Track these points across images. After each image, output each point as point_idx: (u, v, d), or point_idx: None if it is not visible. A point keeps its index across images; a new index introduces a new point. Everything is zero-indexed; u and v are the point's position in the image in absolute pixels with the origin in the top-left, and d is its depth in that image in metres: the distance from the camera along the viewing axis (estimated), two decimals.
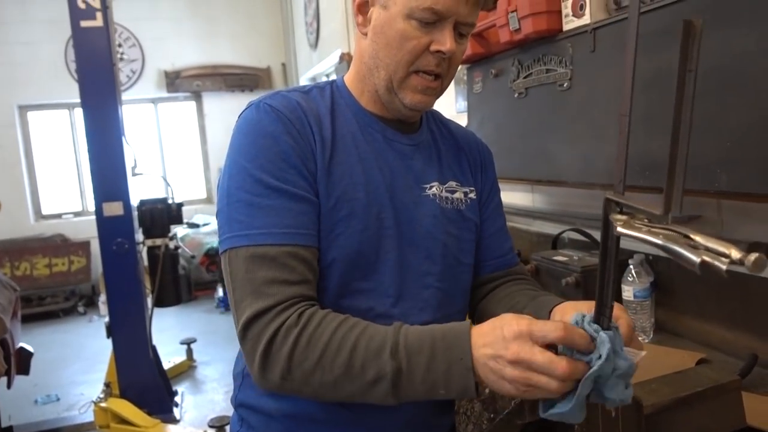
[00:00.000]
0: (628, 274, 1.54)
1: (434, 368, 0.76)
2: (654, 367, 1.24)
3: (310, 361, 0.79)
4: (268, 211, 0.86)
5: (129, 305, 3.35)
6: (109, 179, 3.24)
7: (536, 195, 2.28)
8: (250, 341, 0.83)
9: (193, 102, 7.26)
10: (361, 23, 0.97)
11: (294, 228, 0.86)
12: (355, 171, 0.94)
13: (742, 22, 1.04)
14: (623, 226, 0.59)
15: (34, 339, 3.97)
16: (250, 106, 0.94)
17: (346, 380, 0.79)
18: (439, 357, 0.76)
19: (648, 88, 1.23)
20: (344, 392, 0.80)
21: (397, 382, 0.77)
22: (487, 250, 1.12)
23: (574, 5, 1.48)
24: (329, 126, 0.95)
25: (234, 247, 0.86)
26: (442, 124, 1.14)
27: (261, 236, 0.85)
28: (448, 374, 0.76)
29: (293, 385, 0.82)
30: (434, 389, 0.77)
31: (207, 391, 4.09)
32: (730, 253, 0.48)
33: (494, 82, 1.90)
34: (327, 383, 0.79)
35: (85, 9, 3.11)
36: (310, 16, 5.95)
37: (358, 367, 0.78)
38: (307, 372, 0.80)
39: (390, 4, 0.91)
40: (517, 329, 0.72)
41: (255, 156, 0.88)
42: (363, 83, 1.00)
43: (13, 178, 6.58)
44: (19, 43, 6.45)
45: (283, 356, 0.80)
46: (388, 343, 0.78)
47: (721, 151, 1.10)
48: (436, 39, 0.90)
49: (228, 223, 0.88)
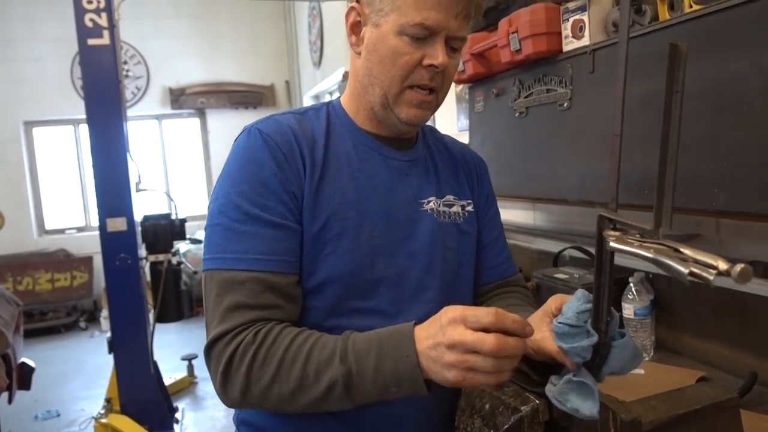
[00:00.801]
0: (628, 292, 1.55)
1: (382, 368, 0.79)
2: (654, 384, 1.24)
3: (267, 377, 0.82)
4: (243, 236, 0.89)
5: (131, 321, 3.35)
6: (114, 195, 3.26)
7: (537, 213, 2.29)
8: (212, 362, 0.87)
9: (197, 119, 7.32)
10: (355, 43, 1.00)
11: (266, 255, 0.88)
12: (347, 191, 0.95)
13: (735, 46, 1.06)
14: (616, 241, 0.61)
15: (35, 354, 3.96)
16: (243, 131, 0.97)
17: (302, 391, 0.82)
18: (386, 356, 0.79)
19: (645, 109, 1.25)
20: (302, 402, 0.82)
21: (349, 386, 0.80)
22: (483, 259, 1.13)
23: (574, 27, 1.51)
24: (322, 147, 0.97)
25: (210, 269, 0.90)
26: (437, 140, 1.15)
27: (233, 261, 0.88)
28: (396, 372, 0.78)
29: (253, 400, 0.85)
30: (386, 388, 0.79)
31: (208, 407, 4.08)
32: (717, 265, 0.50)
33: (495, 101, 1.92)
34: (284, 396, 0.82)
35: (93, 27, 3.15)
36: (314, 35, 6.02)
37: (311, 378, 0.81)
38: (265, 387, 0.83)
39: (381, 22, 0.93)
40: (452, 315, 0.75)
41: (239, 182, 0.91)
42: (358, 101, 1.02)
43: (17, 193, 6.63)
44: (26, 59, 6.53)
45: (241, 375, 0.83)
46: (338, 349, 0.81)
47: (718, 171, 1.12)
48: (428, 53, 0.92)
49: (208, 245, 0.92)
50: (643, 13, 1.31)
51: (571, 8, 1.51)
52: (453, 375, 0.74)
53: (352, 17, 0.99)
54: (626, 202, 1.25)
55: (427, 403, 1.00)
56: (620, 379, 1.36)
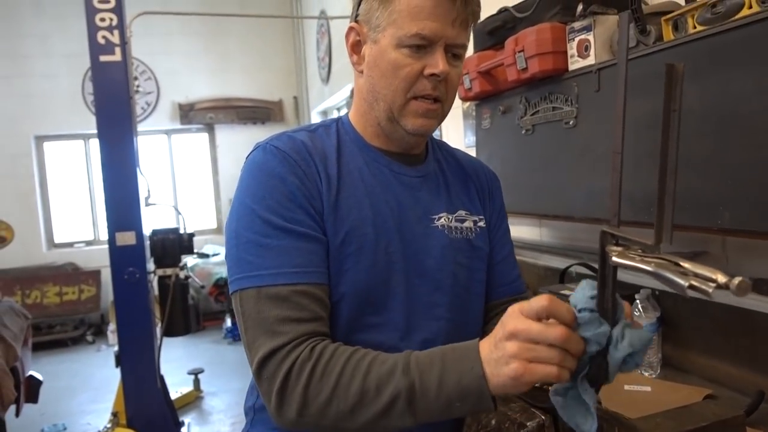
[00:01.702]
0: (634, 309, 1.55)
1: (447, 381, 0.76)
2: (660, 402, 1.24)
3: (325, 393, 0.79)
4: (277, 251, 0.87)
5: (138, 334, 3.36)
6: (123, 209, 3.29)
7: (544, 229, 2.30)
8: (265, 381, 0.83)
9: (206, 134, 7.38)
10: (357, 62, 1.00)
11: (303, 267, 0.87)
12: (363, 206, 0.95)
13: (739, 66, 1.08)
14: (618, 256, 0.62)
15: (42, 367, 3.97)
16: (257, 148, 0.96)
17: (362, 406, 0.78)
18: (450, 369, 0.77)
19: (650, 127, 1.26)
20: (362, 419, 0.79)
21: (412, 399, 0.77)
22: (494, 277, 1.13)
23: (580, 46, 1.53)
24: (335, 163, 0.97)
25: (245, 288, 0.87)
26: (448, 154, 1.15)
27: (271, 276, 0.86)
28: (460, 385, 0.76)
29: (311, 419, 0.81)
30: (450, 403, 0.76)
31: (213, 422, 4.07)
32: (716, 278, 0.51)
33: (502, 118, 1.94)
34: (343, 413, 0.79)
35: (105, 44, 3.20)
36: (323, 52, 6.08)
37: (372, 392, 0.78)
38: (323, 404, 0.80)
39: (379, 38, 0.94)
40: (510, 312, 0.74)
41: (262, 197, 0.90)
42: (365, 119, 1.02)
43: (27, 207, 6.69)
44: (38, 75, 6.62)
45: (299, 392, 0.80)
46: (400, 363, 0.79)
47: (723, 189, 1.13)
48: (428, 63, 0.92)
49: (237, 264, 0.89)
50: (648, 33, 1.32)
51: (577, 28, 1.53)
52: (514, 367, 0.71)
53: (352, 37, 0.99)
54: (632, 219, 1.26)
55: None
56: (626, 396, 1.37)
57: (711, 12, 1.14)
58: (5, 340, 2.75)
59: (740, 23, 1.06)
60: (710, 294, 0.51)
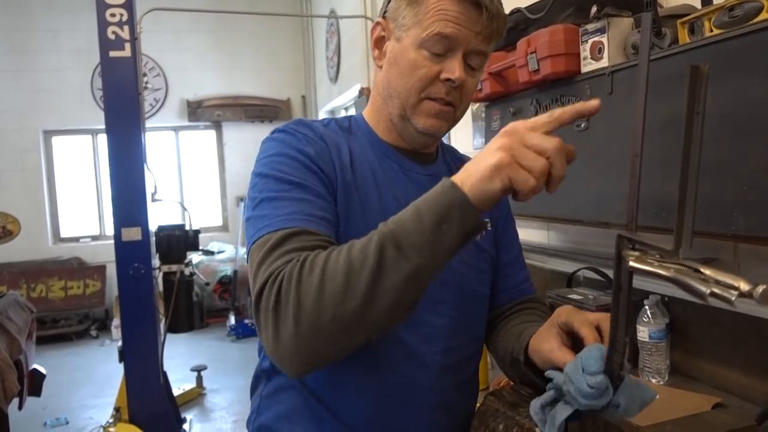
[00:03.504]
0: (643, 315, 1.54)
1: (422, 210, 0.73)
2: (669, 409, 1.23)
3: (315, 284, 0.73)
4: (291, 201, 0.85)
5: (142, 330, 3.36)
6: (130, 204, 3.29)
7: (551, 233, 2.28)
8: (263, 306, 0.77)
9: (213, 131, 7.39)
10: (378, 57, 1.02)
11: (315, 217, 0.85)
12: (372, 198, 0.96)
13: (756, 71, 1.06)
14: (636, 261, 0.60)
15: (46, 361, 3.98)
16: (275, 130, 0.98)
17: (354, 275, 0.72)
18: (421, 201, 0.74)
19: (665, 131, 1.24)
20: (358, 291, 0.71)
21: (397, 242, 0.72)
22: (501, 280, 1.13)
23: (593, 48, 1.51)
24: (347, 154, 0.98)
25: (257, 238, 0.84)
26: (456, 158, 1.17)
27: (283, 220, 0.83)
28: (436, 204, 0.72)
29: (308, 326, 0.73)
30: (436, 228, 0.71)
31: (215, 419, 4.07)
32: (738, 286, 0.49)
33: (512, 120, 1.92)
34: (338, 293, 0.72)
35: (115, 40, 3.20)
36: (331, 51, 6.08)
37: (358, 258, 0.73)
38: (316, 293, 0.72)
39: (403, 36, 0.95)
40: (513, 123, 0.73)
41: (279, 163, 0.90)
42: (379, 113, 1.04)
43: (34, 201, 6.71)
44: (48, 70, 6.65)
45: (292, 296, 0.74)
46: (377, 228, 0.76)
47: (737, 195, 1.11)
48: (446, 68, 0.93)
49: (253, 224, 0.86)
50: (663, 36, 1.31)
51: (590, 30, 1.52)
52: (499, 156, 0.69)
53: (377, 32, 1.01)
54: (644, 224, 1.25)
55: (440, 417, 1.00)
56: None
57: (729, 15, 1.13)
58: (9, 333, 2.75)
59: (759, 27, 1.05)
60: (732, 302, 0.50)
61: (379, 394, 0.95)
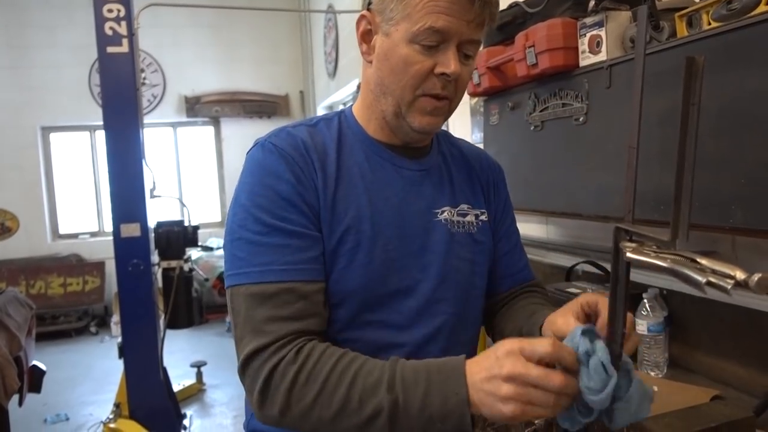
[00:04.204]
0: (642, 308, 1.54)
1: (430, 402, 0.76)
2: (668, 402, 1.23)
3: (309, 398, 0.80)
4: (266, 248, 0.87)
5: (142, 326, 3.36)
6: (128, 201, 3.29)
7: (550, 227, 2.29)
8: (249, 378, 0.85)
9: (212, 127, 7.38)
10: (366, 51, 0.98)
11: (292, 264, 0.87)
12: (361, 203, 0.95)
13: (755, 64, 1.06)
14: (633, 252, 0.61)
15: (45, 357, 3.97)
16: (256, 145, 0.96)
17: (344, 416, 0.79)
18: (435, 389, 0.76)
19: (664, 125, 1.25)
20: (342, 427, 0.79)
21: (394, 417, 0.77)
22: (503, 267, 1.13)
23: (591, 42, 1.51)
24: (335, 159, 0.96)
25: (235, 284, 0.88)
26: (452, 145, 1.14)
27: (259, 274, 0.86)
28: (444, 408, 0.75)
29: (293, 421, 0.82)
30: (431, 423, 0.76)
31: (215, 415, 4.08)
32: (734, 275, 0.50)
33: (511, 114, 1.92)
34: (325, 419, 0.79)
35: (112, 35, 3.19)
36: (329, 46, 6.06)
37: (355, 403, 0.78)
38: (306, 408, 0.80)
39: (392, 31, 0.91)
40: (509, 347, 0.73)
41: (256, 195, 0.90)
42: (370, 111, 1.01)
43: (32, 198, 6.70)
44: (45, 66, 6.63)
45: (282, 393, 0.81)
46: (385, 377, 0.78)
47: (736, 188, 1.11)
48: (440, 61, 0.90)
49: (231, 260, 0.90)
50: (661, 29, 1.31)
51: (589, 23, 1.51)
52: (511, 409, 0.71)
53: (363, 25, 0.97)
54: (641, 218, 1.25)
55: None
56: None
57: (727, 8, 1.12)
58: (9, 330, 2.75)
59: (757, 19, 1.05)
60: (728, 291, 0.50)
61: None
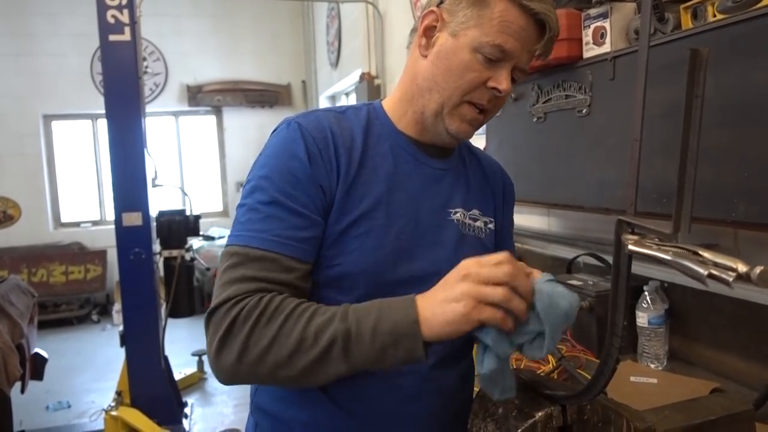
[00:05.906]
0: (642, 301, 1.54)
1: (381, 327, 0.79)
2: (667, 394, 1.24)
3: (266, 339, 0.82)
4: (264, 218, 0.90)
5: (143, 315, 3.38)
6: (130, 190, 3.29)
7: (552, 219, 2.28)
8: (212, 326, 0.86)
9: (214, 116, 7.37)
10: (424, 45, 0.99)
11: (284, 238, 0.89)
12: (379, 191, 0.96)
13: (759, 56, 1.06)
14: (634, 244, 0.61)
15: (47, 345, 3.99)
16: (283, 123, 0.98)
17: (300, 352, 0.81)
18: (386, 315, 0.80)
19: (666, 118, 1.24)
20: (299, 365, 0.81)
21: (347, 344, 0.80)
22: None
23: (595, 34, 1.50)
24: (360, 146, 0.98)
25: (229, 244, 0.92)
26: (471, 153, 1.17)
27: (251, 238, 0.89)
28: (395, 330, 0.79)
29: (247, 367, 0.83)
30: (383, 349, 0.79)
31: (216, 403, 4.10)
32: (736, 267, 0.50)
33: (514, 105, 1.92)
34: (281, 358, 0.81)
35: (114, 24, 3.19)
36: (332, 36, 6.04)
37: (311, 338, 0.81)
38: (263, 350, 0.82)
39: (460, 34, 0.94)
40: (464, 262, 0.79)
41: (270, 170, 0.93)
42: (408, 104, 1.02)
43: (34, 186, 6.71)
44: (47, 54, 6.61)
45: (241, 339, 0.82)
46: (339, 312, 0.82)
47: (739, 181, 1.11)
48: (494, 77, 0.94)
49: (234, 224, 0.94)
50: (666, 21, 1.30)
51: (593, 15, 1.51)
52: (464, 304, 0.76)
53: (429, 20, 0.98)
54: (643, 210, 1.25)
55: (437, 402, 1.01)
56: (632, 388, 1.36)
57: (732, 1, 1.12)
58: (11, 318, 2.77)
59: (762, 12, 1.04)
60: (730, 283, 0.50)
61: (376, 380, 0.96)
